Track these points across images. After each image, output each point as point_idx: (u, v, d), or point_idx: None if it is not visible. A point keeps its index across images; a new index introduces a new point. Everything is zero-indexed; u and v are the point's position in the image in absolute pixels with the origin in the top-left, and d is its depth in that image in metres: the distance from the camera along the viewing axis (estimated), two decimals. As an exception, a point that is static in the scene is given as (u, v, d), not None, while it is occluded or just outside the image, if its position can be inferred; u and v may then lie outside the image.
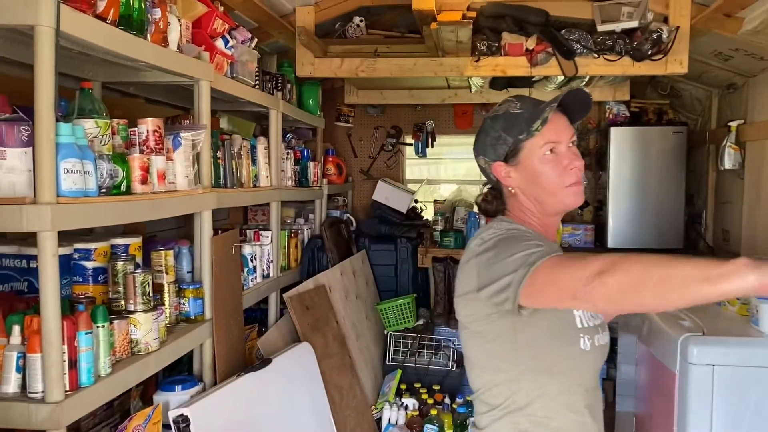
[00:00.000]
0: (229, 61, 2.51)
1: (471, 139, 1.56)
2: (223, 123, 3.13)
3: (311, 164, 3.81)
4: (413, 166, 5.20)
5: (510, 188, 1.47)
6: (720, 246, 4.08)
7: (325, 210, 4.13)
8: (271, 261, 3.05)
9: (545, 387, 1.36)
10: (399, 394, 3.63)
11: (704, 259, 1.04)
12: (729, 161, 3.62)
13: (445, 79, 4.02)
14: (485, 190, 1.56)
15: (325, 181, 4.14)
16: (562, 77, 3.43)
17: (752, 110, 3.56)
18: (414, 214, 4.57)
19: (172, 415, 1.99)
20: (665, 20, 3.06)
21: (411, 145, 4.96)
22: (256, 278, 2.86)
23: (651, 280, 1.04)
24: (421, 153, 4.87)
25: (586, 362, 1.38)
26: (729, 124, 3.65)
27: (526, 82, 3.98)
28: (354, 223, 4.51)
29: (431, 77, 3.55)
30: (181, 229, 3.09)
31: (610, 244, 4.21)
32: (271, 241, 3.04)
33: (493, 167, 1.47)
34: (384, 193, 4.62)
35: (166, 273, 2.14)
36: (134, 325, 1.87)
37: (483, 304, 1.33)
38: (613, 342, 4.03)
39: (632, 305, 1.20)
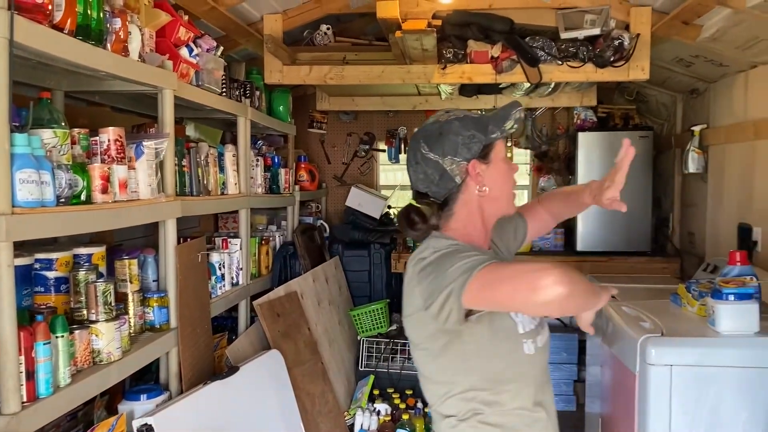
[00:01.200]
0: (194, 69, 2.52)
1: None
2: (190, 131, 3.13)
3: (282, 171, 3.82)
4: (386, 172, 5.23)
5: (480, 188, 1.47)
6: (686, 248, 4.16)
7: (297, 216, 4.14)
8: (241, 268, 3.05)
9: (497, 394, 1.41)
10: (372, 399, 3.64)
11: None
12: (693, 165, 3.70)
13: (415, 86, 4.06)
14: (421, 205, 1.49)
15: (297, 187, 4.15)
16: (529, 84, 3.48)
17: (714, 115, 3.64)
18: (387, 219, 4.60)
19: (136, 424, 1.98)
20: (627, 28, 3.13)
21: (384, 151, 4.99)
22: (224, 286, 2.86)
23: (585, 287, 1.23)
24: (394, 159, 4.90)
25: (532, 364, 1.44)
26: (692, 128, 3.73)
27: (494, 89, 4.03)
28: (327, 230, 4.52)
29: (401, 84, 3.58)
30: (149, 238, 3.08)
31: (580, 247, 4.28)
32: (240, 248, 3.04)
33: (469, 166, 1.46)
34: (357, 199, 4.64)
35: (131, 282, 2.14)
36: (96, 335, 1.86)
37: (431, 321, 1.36)
38: (582, 344, 4.10)
39: (576, 303, 1.29)
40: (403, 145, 4.88)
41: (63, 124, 1.77)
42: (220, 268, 2.82)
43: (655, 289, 3.05)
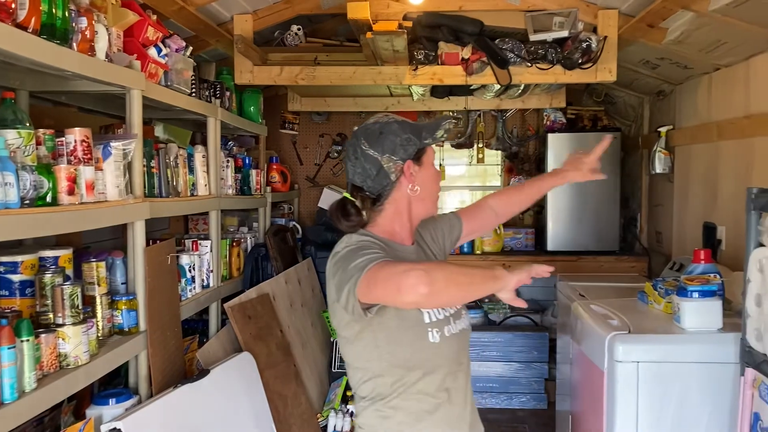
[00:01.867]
0: (163, 69, 2.49)
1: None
2: (159, 131, 3.09)
3: (253, 172, 3.79)
4: (359, 173, 5.22)
5: (411, 187, 1.60)
6: (653, 247, 4.24)
7: (269, 218, 4.12)
8: (211, 271, 3.03)
9: (403, 378, 1.54)
10: (345, 400, 3.64)
11: (477, 268, 1.41)
12: (659, 165, 3.77)
13: (387, 87, 4.07)
14: (356, 198, 1.59)
15: (269, 188, 4.12)
16: (499, 86, 3.51)
17: (679, 116, 3.72)
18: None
19: (104, 429, 1.96)
20: (594, 30, 3.18)
21: (356, 152, 4.98)
22: (195, 288, 2.83)
23: (453, 279, 1.34)
24: (367, 160, 4.89)
25: (437, 352, 1.54)
26: (659, 129, 3.80)
27: (466, 90, 4.06)
28: (300, 231, 4.51)
29: (373, 85, 3.59)
30: (118, 240, 3.04)
31: (550, 247, 4.33)
32: (211, 250, 3.01)
33: (404, 165, 1.58)
34: (330, 201, 4.62)
35: (98, 285, 2.11)
36: (62, 339, 1.83)
37: (343, 311, 1.48)
38: (552, 343, 4.15)
39: (444, 298, 1.41)
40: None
41: (28, 124, 1.74)
42: (190, 270, 2.79)
43: (623, 288, 3.10)
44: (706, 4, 2.49)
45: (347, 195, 1.62)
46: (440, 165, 4.91)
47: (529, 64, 3.23)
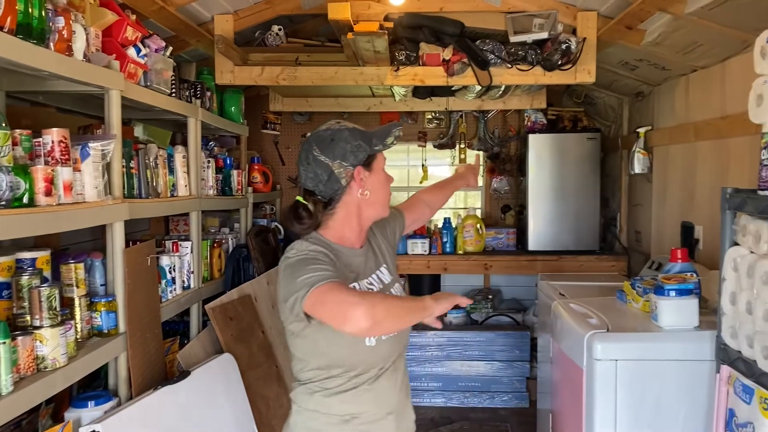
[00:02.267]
0: (143, 69, 2.48)
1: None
2: (138, 132, 3.07)
3: (235, 172, 3.78)
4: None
5: (362, 191, 1.68)
6: (633, 247, 4.28)
7: (250, 219, 4.10)
8: (192, 272, 3.01)
9: (341, 373, 1.64)
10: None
11: (408, 297, 1.66)
12: (638, 166, 3.81)
13: (369, 87, 4.08)
14: (308, 202, 1.68)
15: (250, 189, 4.11)
16: (480, 86, 3.53)
17: (658, 117, 3.77)
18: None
19: (83, 431, 1.94)
20: (574, 32, 3.21)
21: (338, 152, 4.98)
22: (175, 290, 2.82)
23: (392, 312, 1.47)
24: (349, 160, 4.90)
25: (373, 355, 1.65)
26: (638, 130, 3.84)
27: (447, 91, 4.08)
28: (282, 232, 4.49)
29: (355, 86, 3.59)
30: (97, 242, 3.01)
31: (531, 246, 4.36)
32: (191, 251, 3.00)
33: (354, 171, 1.66)
34: (311, 201, 4.62)
35: (77, 286, 2.09)
36: (40, 341, 1.81)
37: (288, 312, 1.58)
38: (534, 342, 4.18)
39: (383, 329, 1.54)
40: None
41: (3, 125, 1.72)
42: (170, 272, 2.78)
43: (602, 287, 3.13)
44: (683, 7, 2.53)
45: (300, 198, 1.69)
46: (423, 165, 4.93)
47: (510, 66, 3.25)
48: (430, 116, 4.93)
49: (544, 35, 3.15)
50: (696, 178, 3.22)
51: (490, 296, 4.74)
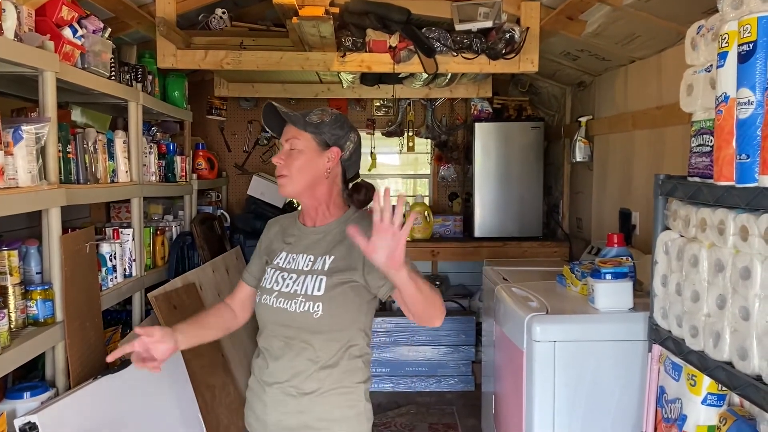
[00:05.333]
0: (80, 51, 2.40)
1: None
2: (76, 116, 2.98)
3: (178, 159, 3.71)
4: (289, 161, 5.17)
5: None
6: (574, 233, 4.40)
7: (195, 206, 4.04)
8: (134, 260, 2.95)
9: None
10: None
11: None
12: (579, 154, 3.91)
13: (316, 73, 4.05)
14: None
15: (195, 176, 4.04)
16: (427, 74, 3.55)
17: (598, 107, 3.87)
18: (290, 208, 4.57)
19: (18, 423, 1.88)
20: (518, 21, 3.26)
21: (286, 139, 4.94)
22: (116, 278, 2.76)
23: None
24: (297, 147, 4.86)
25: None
26: (579, 119, 3.94)
27: (395, 78, 4.09)
28: (228, 219, 4.44)
29: (302, 72, 3.56)
30: (35, 229, 2.92)
31: (477, 233, 4.43)
32: (133, 238, 2.93)
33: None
34: (259, 188, 4.59)
35: (10, 274, 2.02)
36: (-30, 331, 1.75)
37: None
38: (479, 326, 4.26)
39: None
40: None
41: (-72, 105, 1.65)
42: (111, 260, 2.71)
43: (544, 272, 3.21)
44: (620, -1, 2.60)
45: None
46: (371, 153, 4.94)
47: (455, 54, 3.28)
48: (378, 104, 4.94)
49: (489, 24, 3.19)
50: (633, 166, 3.33)
51: (438, 282, 4.80)
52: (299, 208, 1.82)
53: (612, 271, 2.32)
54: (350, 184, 1.85)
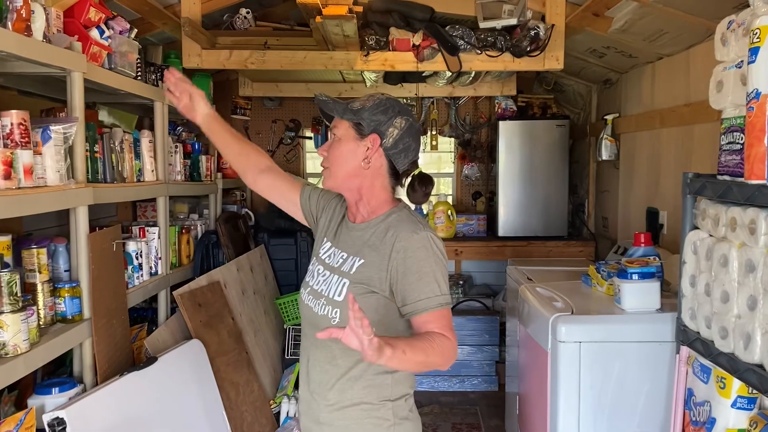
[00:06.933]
0: (107, 51, 2.43)
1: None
2: (103, 116, 3.02)
3: (203, 158, 3.74)
4: (313, 159, 5.20)
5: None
6: (600, 232, 4.35)
7: (220, 205, 4.07)
8: (160, 258, 2.98)
9: None
10: (298, 387, 3.64)
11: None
12: (606, 152, 3.86)
13: (340, 72, 4.05)
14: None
15: (219, 175, 4.07)
16: (450, 72, 3.54)
17: (625, 104, 3.81)
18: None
19: (46, 418, 1.92)
20: (542, 18, 3.23)
21: (311, 138, 4.97)
22: (142, 276, 2.79)
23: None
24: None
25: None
26: (605, 117, 3.89)
27: (418, 77, 4.08)
28: (252, 218, 4.47)
29: (325, 71, 3.57)
30: (64, 227, 2.97)
31: (501, 233, 4.40)
32: (159, 237, 2.96)
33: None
34: (283, 188, 4.59)
35: (39, 272, 2.06)
36: (0, 327, 1.78)
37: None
38: (503, 326, 4.23)
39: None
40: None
41: (-41, 106, 1.68)
42: (137, 258, 2.75)
43: (569, 272, 3.18)
44: (647, -5, 2.56)
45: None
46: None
47: (479, 52, 3.26)
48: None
49: (513, 21, 3.17)
50: (661, 164, 3.27)
51: (461, 282, 4.77)
52: None
53: (639, 271, 2.29)
54: (410, 176, 1.70)
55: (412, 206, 1.75)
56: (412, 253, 1.52)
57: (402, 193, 1.73)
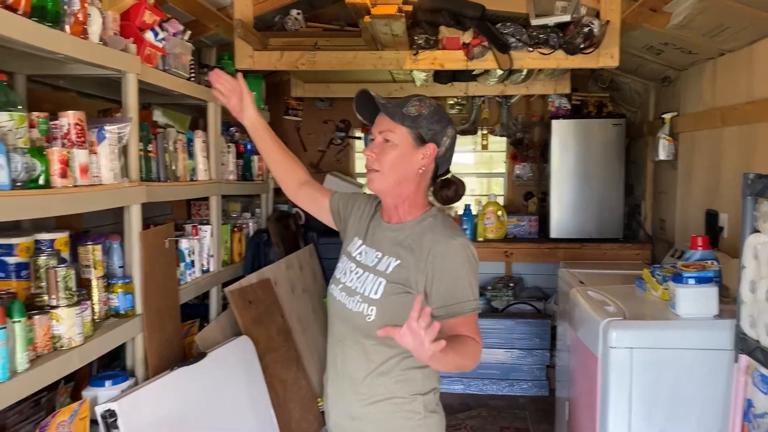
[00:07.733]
0: (161, 53, 2.49)
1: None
2: (158, 116, 3.10)
3: (255, 158, 3.79)
4: (362, 160, 5.17)
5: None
6: (657, 235, 4.21)
7: (271, 204, 4.13)
8: (212, 255, 3.04)
9: None
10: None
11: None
12: (663, 152, 3.73)
13: (390, 72, 4.05)
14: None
15: (271, 175, 4.12)
16: (501, 71, 3.49)
17: (684, 102, 3.68)
18: (362, 207, 4.59)
19: (99, 410, 1.98)
20: (597, 15, 3.15)
21: (360, 138, 4.99)
22: (194, 273, 2.85)
23: None
24: (370, 146, 4.89)
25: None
26: (663, 116, 3.76)
27: (469, 75, 4.04)
28: (302, 217, 4.51)
29: (375, 71, 3.57)
30: (119, 224, 3.06)
31: (553, 234, 4.31)
32: (211, 235, 3.02)
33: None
34: (333, 187, 4.57)
35: (94, 268, 2.12)
36: (56, 320, 1.84)
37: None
38: (554, 330, 4.14)
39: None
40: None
41: (20, 107, 1.75)
42: (189, 255, 2.81)
43: (623, 275, 3.08)
44: (708, -12, 2.46)
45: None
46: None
47: (531, 49, 3.20)
48: (452, 102, 4.88)
49: (567, 18, 3.10)
50: (721, 164, 3.14)
51: (512, 284, 4.70)
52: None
53: (695, 276, 2.20)
54: (438, 180, 1.76)
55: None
56: (449, 258, 1.59)
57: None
